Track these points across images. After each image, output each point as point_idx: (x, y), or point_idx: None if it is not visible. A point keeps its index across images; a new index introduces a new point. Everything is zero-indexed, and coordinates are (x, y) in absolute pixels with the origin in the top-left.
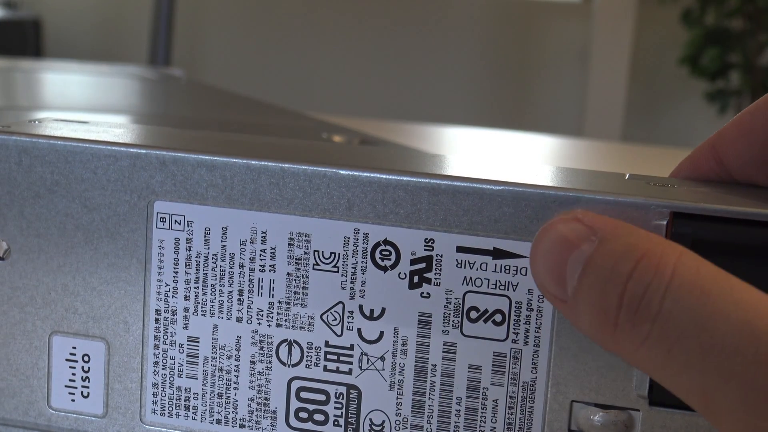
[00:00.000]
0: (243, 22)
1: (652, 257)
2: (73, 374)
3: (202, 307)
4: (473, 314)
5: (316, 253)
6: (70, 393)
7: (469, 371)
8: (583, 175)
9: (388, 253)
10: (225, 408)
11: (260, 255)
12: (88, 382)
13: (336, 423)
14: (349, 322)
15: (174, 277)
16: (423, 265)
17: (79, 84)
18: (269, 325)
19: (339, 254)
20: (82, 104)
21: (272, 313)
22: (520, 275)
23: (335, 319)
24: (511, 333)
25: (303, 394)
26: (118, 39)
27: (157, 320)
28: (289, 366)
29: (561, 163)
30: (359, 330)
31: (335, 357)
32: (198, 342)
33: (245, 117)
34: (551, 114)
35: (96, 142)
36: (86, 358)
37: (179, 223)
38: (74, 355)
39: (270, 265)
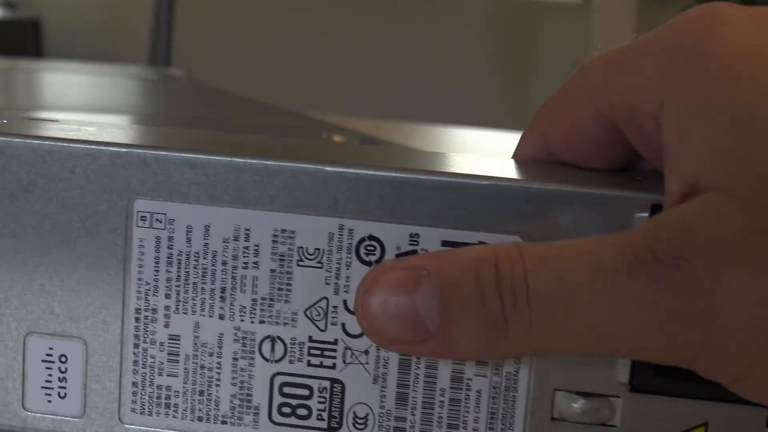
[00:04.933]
0: (243, 22)
1: (502, 256)
2: (50, 375)
3: (183, 305)
4: None
5: (300, 249)
6: (46, 394)
7: (453, 363)
8: (563, 171)
9: (373, 248)
10: (206, 405)
11: (243, 252)
12: (65, 382)
13: (319, 417)
14: (333, 317)
15: (155, 275)
16: None
17: (79, 84)
18: (252, 322)
19: (323, 250)
20: (82, 104)
21: (255, 309)
22: None
23: (319, 314)
24: None
25: (286, 389)
26: (118, 39)
27: (137, 319)
28: (272, 362)
29: None
30: (343, 324)
31: (319, 352)
32: (179, 340)
33: (245, 117)
34: None
35: (75, 141)
36: (63, 359)
37: (160, 222)
38: (50, 356)
39: (253, 262)
